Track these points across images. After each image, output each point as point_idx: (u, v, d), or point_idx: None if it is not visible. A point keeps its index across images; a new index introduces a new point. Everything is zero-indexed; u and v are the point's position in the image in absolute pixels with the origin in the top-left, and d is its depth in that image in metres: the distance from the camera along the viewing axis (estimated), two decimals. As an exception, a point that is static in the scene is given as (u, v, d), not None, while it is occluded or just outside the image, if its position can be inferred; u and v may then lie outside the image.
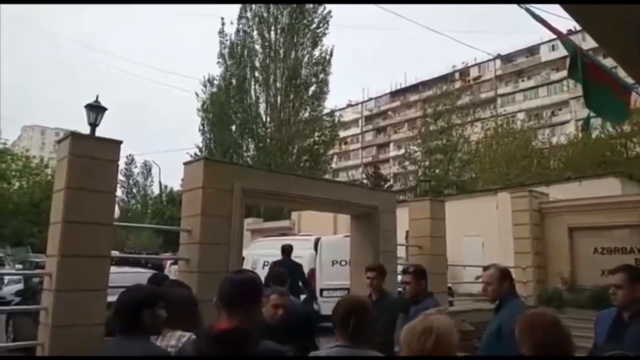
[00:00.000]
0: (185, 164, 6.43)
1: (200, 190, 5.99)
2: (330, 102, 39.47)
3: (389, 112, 62.31)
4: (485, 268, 3.48)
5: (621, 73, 5.46)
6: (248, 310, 1.85)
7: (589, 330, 3.23)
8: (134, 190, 46.64)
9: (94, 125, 5.40)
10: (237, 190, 6.28)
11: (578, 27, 5.36)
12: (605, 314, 3.09)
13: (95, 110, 5.44)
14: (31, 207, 25.47)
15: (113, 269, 8.08)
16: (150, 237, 27.07)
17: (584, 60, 4.77)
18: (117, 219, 36.65)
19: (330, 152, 32.40)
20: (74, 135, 5.08)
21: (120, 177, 48.23)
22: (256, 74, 26.17)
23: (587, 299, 10.12)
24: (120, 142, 5.38)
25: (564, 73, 38.49)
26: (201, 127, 27.69)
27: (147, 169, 44.55)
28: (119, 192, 47.20)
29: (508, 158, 26.59)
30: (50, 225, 4.97)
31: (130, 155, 47.94)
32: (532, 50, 50.88)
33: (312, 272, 9.79)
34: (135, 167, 47.87)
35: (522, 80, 51.72)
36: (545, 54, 47.98)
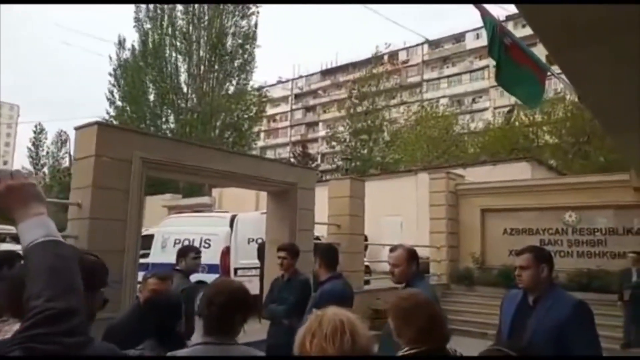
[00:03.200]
0: (77, 128, 5.70)
1: (93, 158, 5.32)
2: (260, 78, 38.63)
3: (319, 91, 62.06)
4: (392, 249, 3.24)
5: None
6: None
7: (496, 307, 3.12)
8: (46, 162, 43.08)
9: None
10: (136, 160, 5.66)
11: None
12: (510, 297, 2.98)
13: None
14: None
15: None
16: (56, 213, 25.02)
17: (503, 40, 4.69)
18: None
19: (258, 129, 31.61)
20: None
21: (29, 146, 44.37)
22: (177, 41, 24.60)
23: (496, 278, 10.58)
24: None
25: (487, 61, 40.20)
26: (109, 95, 25.64)
27: (61, 139, 41.11)
28: (26, 163, 43.45)
29: (429, 141, 27.39)
30: None
31: (39, 123, 44.08)
32: (458, 38, 52.56)
33: (227, 250, 9.33)
34: (46, 138, 44.14)
35: (447, 67, 53.39)
36: (471, 42, 49.71)
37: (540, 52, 5.70)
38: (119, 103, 25.24)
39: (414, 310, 1.95)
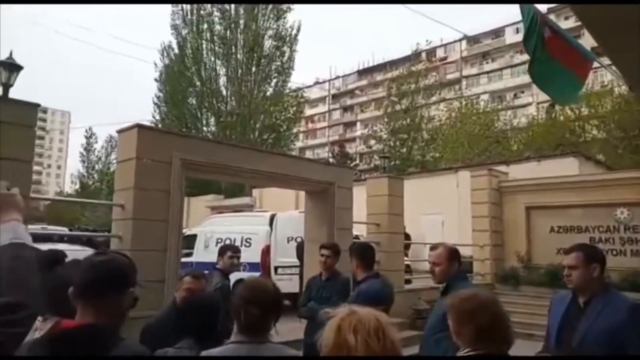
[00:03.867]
0: (119, 132, 5.88)
1: (134, 160, 5.47)
2: (297, 79, 38.81)
3: (356, 91, 61.87)
4: (433, 247, 3.14)
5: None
6: (104, 301, 1.42)
7: (543, 308, 2.99)
8: (97, 166, 44.85)
9: (7, 85, 4.77)
10: (176, 161, 5.78)
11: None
12: (559, 298, 2.81)
13: (9, 68, 4.80)
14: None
15: (43, 246, 7.46)
16: (108, 213, 25.93)
17: (542, 33, 4.50)
18: (77, 195, 34.89)
19: (296, 130, 31.76)
20: (-20, 96, 4.45)
21: (82, 151, 46.29)
22: (214, 46, 25.05)
23: (542, 277, 10.19)
24: (37, 105, 4.79)
25: (528, 56, 38.91)
26: (156, 100, 26.52)
27: (110, 144, 42.73)
28: (80, 167, 45.24)
29: (470, 138, 26.71)
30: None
31: (89, 128, 45.96)
32: (498, 33, 51.20)
33: (267, 248, 9.41)
34: (96, 141, 45.92)
35: (487, 62, 52.10)
36: (510, 36, 48.32)
37: (586, 43, 5.45)
38: (163, 107, 26.11)
39: (476, 311, 1.86)
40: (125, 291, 1.48)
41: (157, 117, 26.22)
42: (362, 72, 61.76)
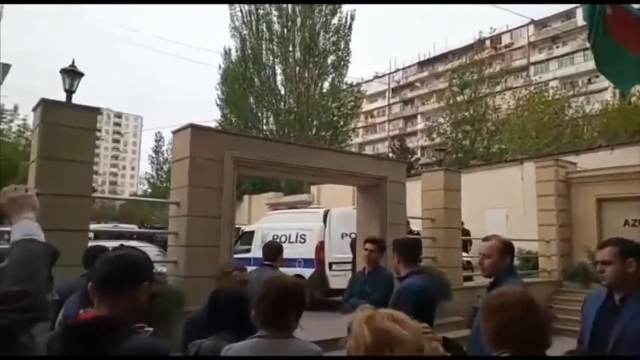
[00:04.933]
0: (174, 132, 6.13)
1: (188, 159, 5.69)
2: (357, 74, 38.61)
3: (417, 83, 60.66)
4: (485, 239, 2.98)
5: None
6: (122, 294, 1.48)
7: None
8: (165, 167, 47.09)
9: (69, 91, 5.10)
10: (228, 160, 5.95)
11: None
12: (594, 296, 2.62)
13: (71, 75, 5.13)
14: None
15: (114, 243, 7.91)
16: (175, 212, 27.15)
17: (605, 11, 4.17)
18: (147, 195, 36.72)
19: (354, 125, 31.64)
20: (45, 102, 4.81)
21: (151, 153, 48.77)
22: (273, 45, 25.49)
23: (615, 274, 9.52)
24: (98, 110, 5.10)
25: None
26: (219, 102, 27.37)
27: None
28: (148, 169, 47.56)
29: (539, 127, 25.36)
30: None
31: (159, 132, 48.42)
32: (569, 14, 48.24)
33: (321, 244, 9.47)
34: (164, 144, 48.21)
35: (557, 47, 49.26)
36: (581, 18, 45.42)
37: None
38: (225, 109, 27.01)
39: (496, 308, 1.77)
40: (140, 286, 1.54)
41: (220, 118, 27.15)
42: (423, 64, 60.43)
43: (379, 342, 1.18)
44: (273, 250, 4.88)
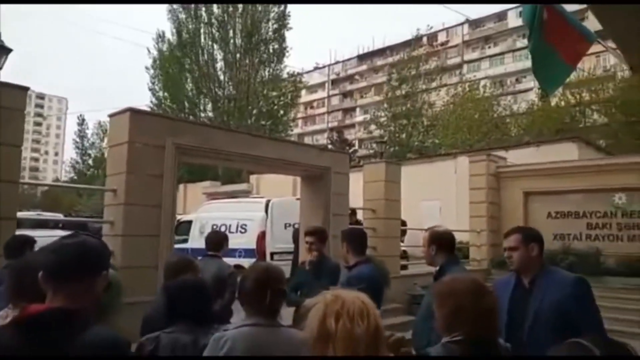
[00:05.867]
0: (110, 116, 5.79)
1: (126, 145, 5.40)
2: (296, 64, 38.46)
3: (356, 76, 61.46)
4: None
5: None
6: (80, 284, 1.38)
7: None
8: (90, 152, 44.69)
9: (-6, 68, 4.69)
10: (169, 146, 5.71)
11: None
12: (503, 282, 2.84)
13: (-3, 51, 4.71)
14: None
15: (38, 232, 7.38)
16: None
17: (542, 14, 4.41)
18: (73, 182, 34.78)
19: (294, 115, 31.60)
20: (-34, 78, 4.36)
21: (75, 137, 46.11)
22: (212, 30, 24.78)
23: (539, 263, 10.18)
24: (27, 89, 4.71)
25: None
26: (151, 85, 26.35)
27: (102, 129, 42.57)
28: (73, 154, 45.11)
29: (470, 124, 26.58)
30: None
31: (81, 115, 45.69)
32: (501, 16, 50.68)
33: (263, 234, 9.39)
34: (88, 128, 45.67)
35: (489, 47, 51.68)
36: (514, 20, 47.80)
37: (591, 26, 5.33)
38: (159, 93, 25.89)
39: (448, 295, 1.82)
40: (98, 274, 1.44)
41: (154, 103, 26.02)
42: (362, 57, 61.27)
43: (320, 336, 1.28)
44: (217, 240, 4.78)
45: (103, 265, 1.47)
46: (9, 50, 4.85)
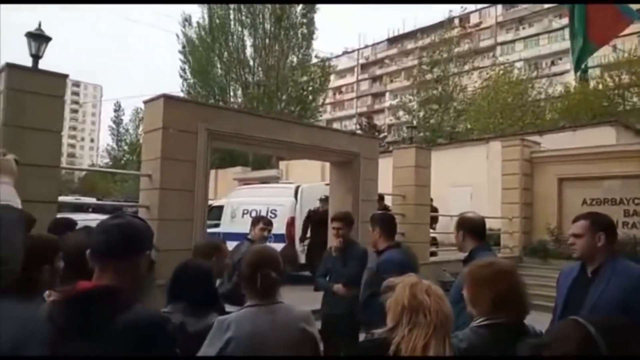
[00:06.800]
0: (145, 102, 5.94)
1: (160, 131, 5.54)
2: (326, 49, 38.22)
3: (386, 61, 60.62)
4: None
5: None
6: (125, 264, 1.46)
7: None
8: (126, 138, 45.76)
9: (36, 56, 4.84)
10: (202, 131, 5.83)
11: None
12: (567, 270, 2.77)
13: (37, 39, 4.86)
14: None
15: (80, 215, 7.66)
16: (138, 184, 26.42)
17: None
18: (108, 167, 35.64)
19: (322, 100, 31.49)
20: (10, 67, 4.56)
21: (111, 124, 47.28)
22: (241, 15, 24.81)
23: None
24: (66, 76, 4.88)
25: (567, 20, 37.12)
26: (182, 72, 26.61)
27: (138, 116, 43.47)
28: (109, 140, 46.30)
29: (503, 108, 25.94)
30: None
31: (117, 102, 46.72)
32: (536, -4, 48.97)
33: (292, 220, 9.48)
34: (124, 114, 46.70)
35: (523, 28, 50.08)
36: (549, 0, 46.18)
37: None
38: (190, 79, 26.18)
39: (492, 278, 1.84)
40: (142, 254, 1.51)
41: (184, 89, 26.40)
42: (392, 41, 60.32)
43: (412, 307, 1.55)
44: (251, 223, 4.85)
45: (147, 246, 1.55)
46: (48, 39, 5.01)
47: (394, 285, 1.65)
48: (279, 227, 9.48)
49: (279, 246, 9.31)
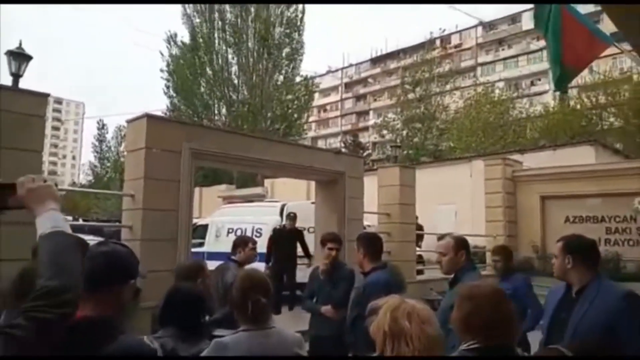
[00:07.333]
0: (129, 122, 5.87)
1: (144, 150, 5.47)
2: (309, 67, 38.57)
3: (369, 80, 61.37)
4: (440, 238, 3.11)
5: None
6: (110, 293, 1.40)
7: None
8: (108, 156, 45.11)
9: (17, 75, 4.76)
10: (185, 151, 5.77)
11: None
12: (554, 290, 2.78)
13: (18, 58, 4.79)
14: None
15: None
16: (120, 203, 26.06)
17: (559, 15, 4.39)
18: (90, 186, 35.07)
19: (307, 119, 31.61)
20: (-11, 86, 4.46)
21: (94, 141, 46.61)
22: (226, 35, 24.92)
23: (557, 268, 10.04)
24: (47, 95, 4.79)
25: (544, 42, 38.08)
26: (165, 89, 26.49)
27: (120, 134, 43.02)
28: (91, 158, 45.56)
29: (485, 127, 26.36)
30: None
31: (100, 120, 46.18)
32: (515, 18, 50.26)
33: (276, 239, 9.37)
34: (107, 132, 46.12)
35: (503, 49, 51.23)
36: (527, 22, 47.32)
37: (606, 29, 5.28)
38: (174, 97, 26.07)
39: (482, 302, 1.82)
40: (127, 283, 1.46)
41: (169, 107, 26.25)
42: (375, 60, 61.19)
43: (393, 333, 1.47)
44: (234, 244, 4.77)
45: (131, 274, 1.50)
46: (29, 58, 4.94)
47: (377, 308, 1.58)
48: (264, 246, 9.39)
49: (264, 265, 9.23)
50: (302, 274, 7.73)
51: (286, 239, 8.60)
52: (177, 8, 26.09)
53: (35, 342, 1.00)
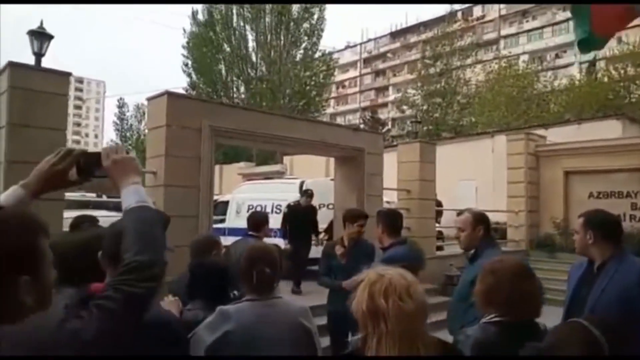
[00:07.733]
0: (149, 99, 5.92)
1: (164, 128, 5.52)
2: (328, 43, 38.03)
3: (389, 54, 60.37)
4: (459, 213, 3.09)
5: None
6: None
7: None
8: (128, 134, 45.61)
9: (39, 54, 4.83)
10: (205, 128, 5.81)
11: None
12: (577, 265, 2.80)
13: (40, 37, 4.85)
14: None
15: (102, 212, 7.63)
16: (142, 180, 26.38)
17: None
18: (111, 164, 36.20)
19: (326, 95, 31.39)
20: (13, 66, 4.54)
21: (115, 119, 47.14)
22: (243, 10, 24.66)
23: (579, 244, 9.91)
24: (69, 74, 4.85)
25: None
26: (184, 67, 26.52)
27: (140, 112, 43.36)
28: (113, 136, 46.05)
29: (507, 101, 25.80)
30: (-10, 167, 4.54)
31: (121, 98, 46.56)
32: (540, -12, 48.61)
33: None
34: (128, 110, 46.55)
35: (527, 21, 49.71)
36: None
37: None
38: (192, 75, 26.10)
39: (504, 277, 1.81)
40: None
41: (188, 85, 26.30)
42: (395, 34, 60.05)
43: (371, 312, 1.37)
44: (256, 221, 4.83)
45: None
46: (50, 37, 4.99)
47: (357, 283, 1.45)
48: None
49: (284, 241, 9.31)
50: (314, 250, 7.81)
51: (302, 215, 8.51)
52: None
53: (124, 314, 1.01)
